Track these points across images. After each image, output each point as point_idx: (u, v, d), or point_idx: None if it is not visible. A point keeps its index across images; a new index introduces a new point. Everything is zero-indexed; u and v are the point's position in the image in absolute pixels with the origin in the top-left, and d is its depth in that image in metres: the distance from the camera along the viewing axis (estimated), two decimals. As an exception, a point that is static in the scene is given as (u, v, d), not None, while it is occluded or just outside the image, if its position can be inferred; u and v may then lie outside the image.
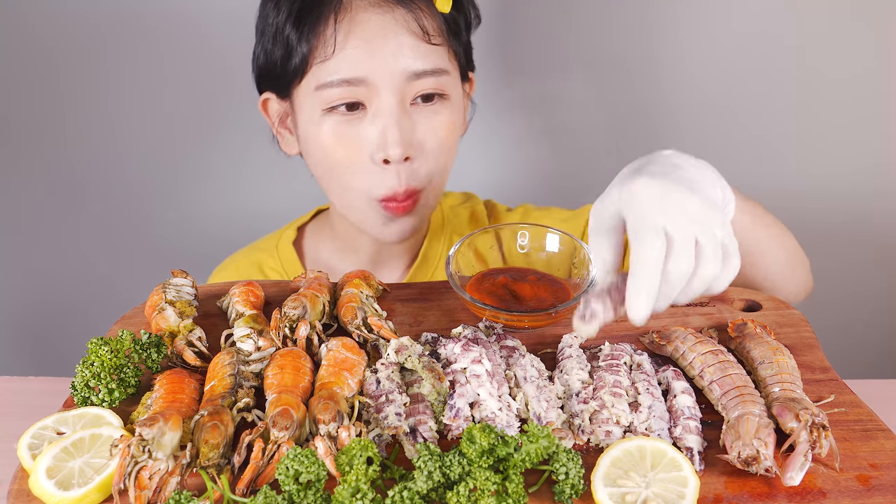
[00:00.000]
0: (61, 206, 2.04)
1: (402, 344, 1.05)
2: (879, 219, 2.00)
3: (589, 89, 1.95)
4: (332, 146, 1.36)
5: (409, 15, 1.32)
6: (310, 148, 1.41)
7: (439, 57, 1.35)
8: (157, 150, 2.00)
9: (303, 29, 1.33)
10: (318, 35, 1.32)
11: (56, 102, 1.95)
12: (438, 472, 0.84)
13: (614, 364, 1.04)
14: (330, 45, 1.31)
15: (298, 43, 1.34)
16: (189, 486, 0.89)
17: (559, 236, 1.27)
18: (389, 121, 1.32)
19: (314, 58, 1.33)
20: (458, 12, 1.40)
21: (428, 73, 1.34)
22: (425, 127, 1.36)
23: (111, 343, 1.02)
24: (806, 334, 1.15)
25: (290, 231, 1.63)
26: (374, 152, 1.34)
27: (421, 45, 1.33)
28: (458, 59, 1.42)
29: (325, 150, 1.37)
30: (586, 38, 1.91)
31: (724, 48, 1.89)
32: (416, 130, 1.36)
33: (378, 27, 1.31)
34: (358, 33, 1.31)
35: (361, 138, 1.34)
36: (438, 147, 1.38)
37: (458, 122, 1.44)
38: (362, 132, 1.34)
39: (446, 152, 1.41)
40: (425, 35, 1.33)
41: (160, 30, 1.88)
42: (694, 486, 0.86)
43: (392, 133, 1.32)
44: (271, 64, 1.40)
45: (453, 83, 1.40)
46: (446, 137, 1.39)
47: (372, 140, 1.34)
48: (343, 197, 1.43)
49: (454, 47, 1.40)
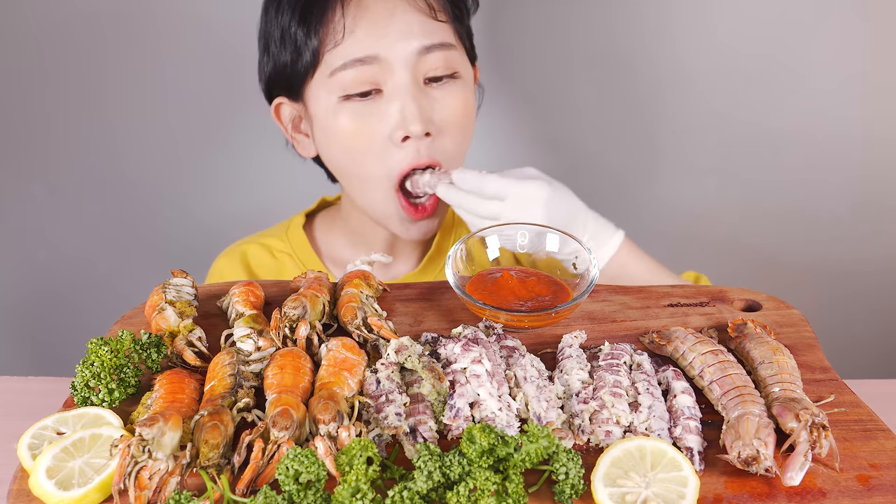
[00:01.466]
0: (61, 206, 2.04)
1: (402, 344, 1.05)
2: (880, 218, 2.00)
3: (588, 88, 1.95)
4: (351, 132, 1.38)
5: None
6: (328, 140, 1.43)
7: (445, 33, 1.39)
8: (157, 150, 2.00)
9: (310, 23, 1.36)
10: (326, 24, 1.35)
11: (56, 103, 1.95)
12: (438, 472, 0.84)
13: (614, 364, 1.04)
14: (339, 30, 1.34)
15: (307, 38, 1.36)
16: (189, 486, 0.89)
17: (559, 236, 1.27)
18: (406, 98, 1.35)
19: (325, 47, 1.36)
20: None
21: (437, 47, 1.36)
22: (442, 104, 1.39)
23: (111, 343, 1.02)
24: (806, 334, 1.15)
25: (299, 217, 1.66)
26: (393, 130, 1.36)
27: (428, 21, 1.36)
28: (462, 42, 1.45)
29: (344, 138, 1.39)
30: (586, 37, 1.91)
31: (725, 48, 1.89)
32: (434, 108, 1.38)
33: (384, 9, 1.34)
34: (366, 16, 1.34)
35: (380, 119, 1.37)
36: (456, 124, 1.41)
37: (472, 100, 1.46)
38: (380, 112, 1.37)
39: (464, 130, 1.43)
40: (432, 11, 1.36)
41: (161, 30, 1.89)
42: (694, 486, 0.86)
43: (410, 109, 1.35)
44: (281, 67, 1.43)
45: (462, 60, 1.42)
46: (464, 114, 1.42)
47: (391, 118, 1.36)
48: (366, 191, 1.45)
49: (458, 29, 1.43)
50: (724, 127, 1.96)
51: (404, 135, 1.35)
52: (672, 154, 2.01)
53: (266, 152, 2.00)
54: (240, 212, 2.04)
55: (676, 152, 2.01)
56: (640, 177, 2.04)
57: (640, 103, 1.96)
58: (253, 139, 1.98)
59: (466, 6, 1.48)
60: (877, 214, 2.00)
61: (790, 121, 1.94)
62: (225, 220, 2.05)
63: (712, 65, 1.90)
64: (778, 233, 2.04)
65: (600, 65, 1.93)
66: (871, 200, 1.99)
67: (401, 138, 1.36)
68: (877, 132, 1.93)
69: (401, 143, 1.36)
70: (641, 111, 1.97)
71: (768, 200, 2.03)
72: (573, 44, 1.92)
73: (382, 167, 1.39)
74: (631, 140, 2.00)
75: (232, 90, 1.93)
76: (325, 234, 1.64)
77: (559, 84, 1.96)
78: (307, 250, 1.60)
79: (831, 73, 1.88)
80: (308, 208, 1.69)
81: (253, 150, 2.00)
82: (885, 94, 1.89)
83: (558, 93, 1.98)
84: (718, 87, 1.92)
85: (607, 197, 2.06)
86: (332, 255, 1.62)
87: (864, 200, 1.99)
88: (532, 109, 2.00)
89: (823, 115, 1.92)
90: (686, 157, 2.02)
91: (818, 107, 1.92)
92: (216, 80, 1.93)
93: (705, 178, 2.03)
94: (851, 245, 2.02)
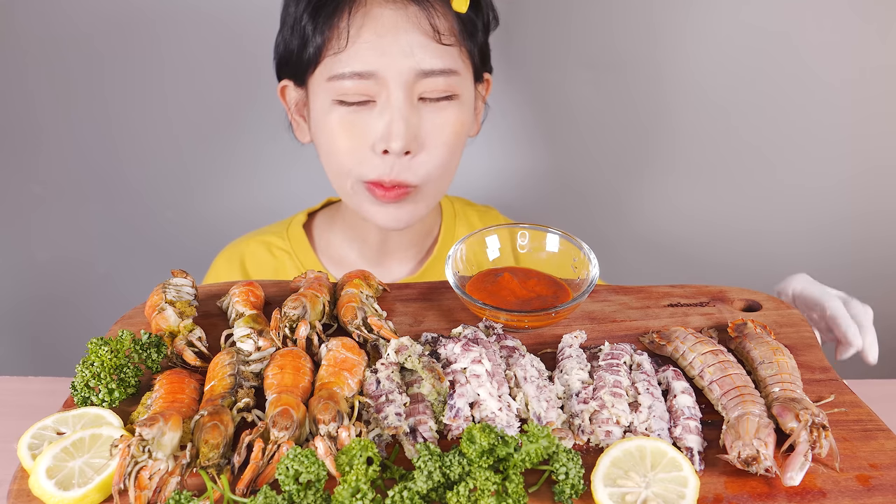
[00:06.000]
0: (62, 205, 2.04)
1: (402, 344, 1.05)
2: (880, 218, 2.00)
3: (590, 90, 1.95)
4: (337, 134, 1.40)
5: (421, 13, 1.34)
6: (319, 134, 1.45)
7: (450, 57, 1.37)
8: (157, 150, 2.00)
9: (318, 20, 1.37)
10: (333, 27, 1.36)
11: (56, 103, 1.95)
12: (438, 472, 0.84)
13: (614, 364, 1.04)
14: (343, 37, 1.35)
15: (313, 34, 1.37)
16: (189, 486, 0.89)
17: (559, 236, 1.27)
18: (396, 115, 1.35)
19: (328, 49, 1.37)
20: (476, 13, 1.43)
21: (437, 73, 1.36)
22: (431, 124, 1.39)
23: (111, 343, 1.02)
24: (806, 334, 1.15)
25: (300, 216, 1.67)
26: (376, 142, 1.37)
27: (431, 45, 1.35)
28: (471, 60, 1.44)
29: (331, 137, 1.41)
30: (588, 39, 1.91)
31: (726, 49, 1.88)
32: (422, 126, 1.38)
33: (391, 23, 1.34)
34: (371, 27, 1.34)
35: (367, 129, 1.38)
36: (441, 144, 1.40)
37: (467, 122, 1.45)
38: (369, 124, 1.37)
39: (449, 150, 1.42)
40: (436, 34, 1.35)
41: (162, 28, 1.88)
42: (694, 486, 0.86)
43: (397, 126, 1.35)
44: (289, 53, 1.44)
45: (464, 84, 1.42)
46: (451, 136, 1.41)
47: (377, 131, 1.37)
48: (338, 181, 1.47)
49: (468, 48, 1.42)
50: (725, 127, 1.96)
51: (384, 148, 1.36)
52: (672, 154, 2.01)
53: (266, 152, 2.00)
54: (240, 212, 2.04)
55: (676, 153, 2.01)
56: (639, 177, 2.04)
57: (641, 104, 1.96)
58: (253, 139, 1.98)
59: (484, 23, 1.47)
60: (877, 215, 2.00)
61: (791, 121, 1.94)
62: (225, 221, 2.05)
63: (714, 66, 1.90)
64: (778, 233, 2.04)
65: (601, 66, 1.92)
66: (871, 200, 1.99)
67: (381, 150, 1.37)
68: (879, 133, 1.93)
69: (381, 153, 1.38)
70: (641, 112, 1.97)
71: (769, 200, 2.03)
72: (575, 45, 1.91)
73: (357, 168, 1.41)
74: (632, 141, 2.00)
75: (233, 90, 1.93)
76: (324, 232, 1.65)
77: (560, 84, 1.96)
78: (306, 248, 1.61)
79: (831, 73, 1.88)
80: (312, 207, 1.70)
81: (254, 150, 2.00)
82: (889, 96, 1.89)
83: (558, 93, 1.97)
84: (718, 88, 1.92)
85: (608, 198, 2.07)
86: (330, 253, 1.63)
87: (864, 200, 1.99)
88: (532, 110, 2.00)
89: (824, 116, 1.92)
90: (686, 158, 2.01)
91: (818, 107, 1.92)
92: (217, 79, 1.93)
93: (705, 179, 2.03)
94: (851, 245, 2.02)
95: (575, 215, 2.06)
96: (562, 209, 2.06)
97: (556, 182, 2.05)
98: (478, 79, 1.48)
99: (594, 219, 2.06)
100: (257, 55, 1.68)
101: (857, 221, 2.01)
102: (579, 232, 1.33)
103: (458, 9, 1.30)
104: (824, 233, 2.02)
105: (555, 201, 2.07)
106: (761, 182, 2.01)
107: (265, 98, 1.79)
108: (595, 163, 2.04)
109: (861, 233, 2.01)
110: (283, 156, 1.97)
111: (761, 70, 1.89)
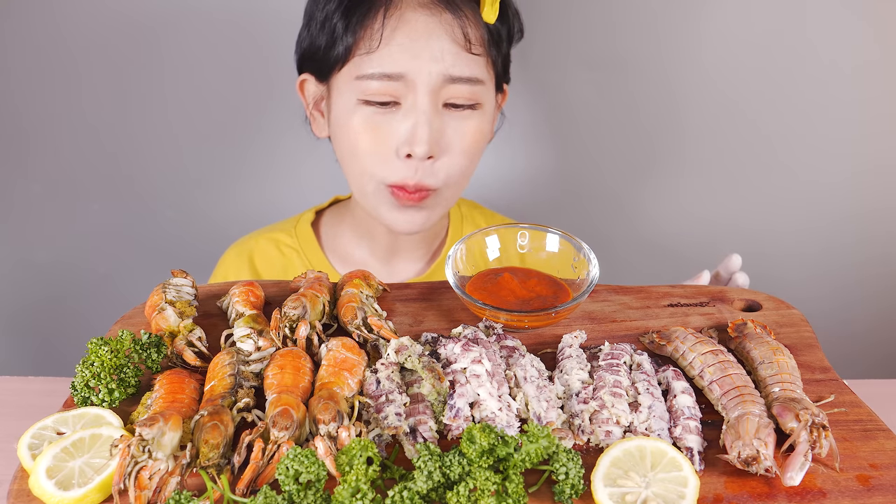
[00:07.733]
0: (61, 205, 2.04)
1: (402, 344, 1.05)
2: (881, 218, 2.00)
3: (592, 91, 1.95)
4: (361, 134, 1.41)
5: (455, 21, 1.37)
6: (339, 133, 1.46)
7: (477, 66, 1.40)
8: (157, 149, 2.00)
9: (351, 20, 1.38)
10: (366, 28, 1.37)
11: (55, 103, 1.95)
12: (438, 472, 0.84)
13: (614, 364, 1.04)
14: (376, 38, 1.36)
15: (344, 33, 1.39)
16: (189, 486, 0.89)
17: (559, 236, 1.27)
18: (421, 119, 1.37)
19: (358, 49, 1.38)
20: (503, 24, 1.45)
21: (464, 81, 1.38)
22: (454, 130, 1.41)
23: (111, 343, 1.02)
24: (806, 334, 1.15)
25: (308, 213, 1.68)
26: (400, 146, 1.39)
27: (461, 53, 1.37)
28: (495, 70, 1.46)
29: (353, 137, 1.42)
30: (590, 40, 1.91)
31: (728, 48, 1.89)
32: (445, 132, 1.40)
33: (424, 28, 1.36)
34: (404, 31, 1.36)
35: (391, 131, 1.39)
36: (462, 151, 1.43)
37: (487, 130, 1.48)
38: (393, 125, 1.39)
39: (469, 157, 1.45)
40: (467, 43, 1.37)
41: (163, 29, 1.88)
42: (694, 486, 0.86)
43: (422, 131, 1.37)
44: (315, 48, 1.45)
45: (487, 93, 1.44)
46: (473, 143, 1.44)
47: (401, 134, 1.38)
48: (359, 182, 1.47)
49: (493, 57, 1.44)
50: (725, 128, 1.96)
51: (408, 152, 1.38)
52: (672, 155, 2.01)
53: (266, 153, 2.00)
54: (240, 212, 2.04)
55: (677, 153, 2.01)
56: (639, 177, 2.04)
57: (642, 105, 1.96)
58: (253, 139, 1.98)
59: (509, 34, 1.49)
60: (878, 214, 2.00)
61: (793, 122, 1.94)
62: (225, 221, 2.05)
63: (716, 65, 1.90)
64: (778, 233, 2.04)
65: (604, 66, 1.92)
66: (871, 200, 1.99)
67: (405, 154, 1.39)
68: (881, 132, 1.93)
69: (404, 157, 1.39)
70: (642, 112, 1.97)
71: (769, 200, 2.03)
72: (577, 45, 1.91)
73: (380, 170, 1.42)
74: (632, 141, 2.00)
75: (236, 90, 1.93)
76: (332, 230, 1.66)
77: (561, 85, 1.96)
78: (313, 246, 1.62)
79: (831, 73, 1.88)
80: (320, 205, 1.70)
81: (254, 150, 2.00)
82: (885, 94, 1.89)
83: (560, 94, 1.97)
84: (720, 89, 1.92)
85: (608, 198, 2.07)
86: (338, 251, 1.64)
87: (864, 200, 1.99)
88: (534, 110, 2.00)
89: (824, 115, 1.92)
90: (686, 158, 2.01)
91: (818, 107, 1.92)
92: (218, 78, 1.93)
93: (706, 179, 2.03)
94: (852, 245, 2.02)
95: (575, 215, 2.06)
96: (562, 209, 2.07)
97: (556, 182, 2.05)
98: (498, 88, 1.51)
99: (594, 219, 2.06)
100: (262, 54, 1.68)
101: (860, 222, 2.01)
102: (579, 232, 1.33)
103: (488, 19, 1.33)
104: (825, 233, 2.02)
105: (555, 201, 2.07)
106: (762, 183, 2.01)
107: (265, 98, 1.80)
108: (595, 163, 2.04)
109: (863, 233, 2.02)
110: (285, 156, 1.97)
111: (764, 72, 1.89)
